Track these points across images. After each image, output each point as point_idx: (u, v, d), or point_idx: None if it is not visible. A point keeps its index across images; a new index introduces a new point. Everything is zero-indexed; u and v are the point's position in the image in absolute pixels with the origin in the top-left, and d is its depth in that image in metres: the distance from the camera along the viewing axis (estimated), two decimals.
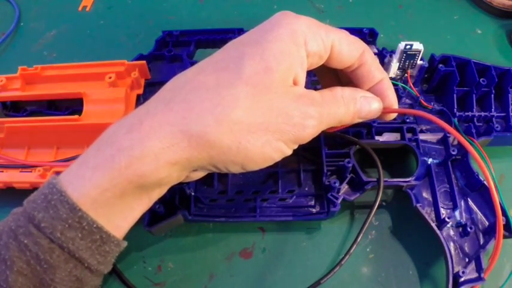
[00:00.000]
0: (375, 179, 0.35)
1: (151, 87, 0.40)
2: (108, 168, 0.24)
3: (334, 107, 0.27)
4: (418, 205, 0.34)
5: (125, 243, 0.27)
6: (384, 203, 0.37)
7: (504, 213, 0.33)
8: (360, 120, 0.29)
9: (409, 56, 0.38)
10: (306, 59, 0.26)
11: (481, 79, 0.38)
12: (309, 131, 0.26)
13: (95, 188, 0.24)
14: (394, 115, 0.31)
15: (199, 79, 0.25)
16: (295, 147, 0.27)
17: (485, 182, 0.34)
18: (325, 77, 0.32)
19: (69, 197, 0.24)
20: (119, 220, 0.26)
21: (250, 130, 0.24)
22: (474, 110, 0.38)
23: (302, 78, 0.26)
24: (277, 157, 0.26)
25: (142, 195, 0.26)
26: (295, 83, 0.26)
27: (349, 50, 0.27)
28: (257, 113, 0.24)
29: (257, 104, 0.24)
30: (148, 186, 0.25)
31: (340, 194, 0.35)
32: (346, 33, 0.28)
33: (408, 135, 0.37)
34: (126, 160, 0.24)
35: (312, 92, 0.26)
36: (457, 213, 0.34)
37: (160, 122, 0.24)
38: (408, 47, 0.37)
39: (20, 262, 0.24)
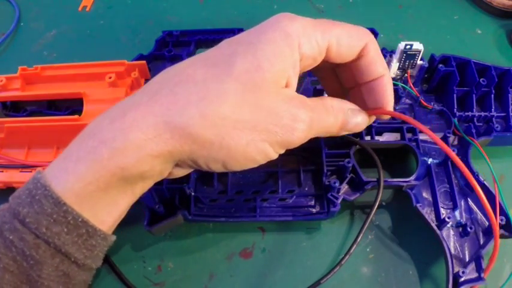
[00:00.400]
0: (375, 179, 0.35)
1: None
2: (90, 160, 0.24)
3: (324, 115, 0.27)
4: (418, 205, 0.34)
5: (113, 237, 0.27)
6: (383, 203, 0.37)
7: (504, 213, 0.33)
8: (345, 133, 0.29)
9: (409, 56, 0.38)
10: (299, 62, 0.26)
11: (481, 79, 0.38)
12: (298, 135, 0.25)
13: (78, 181, 0.24)
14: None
15: (188, 72, 0.25)
16: (282, 151, 0.26)
17: (485, 183, 0.34)
18: (323, 71, 0.32)
19: (53, 191, 0.24)
20: (104, 214, 0.26)
21: (236, 127, 0.24)
22: (474, 110, 0.38)
23: (294, 82, 0.26)
24: (260, 159, 0.26)
25: (126, 188, 0.25)
26: (286, 86, 0.26)
27: (349, 46, 0.27)
28: (245, 110, 0.24)
29: (246, 101, 0.24)
30: (132, 179, 0.25)
31: (340, 194, 0.35)
32: (348, 26, 0.27)
33: (408, 135, 0.37)
34: (109, 152, 0.23)
35: (303, 96, 0.26)
36: (457, 213, 0.34)
37: (144, 114, 0.24)
38: (408, 47, 0.37)
39: (6, 259, 0.24)
